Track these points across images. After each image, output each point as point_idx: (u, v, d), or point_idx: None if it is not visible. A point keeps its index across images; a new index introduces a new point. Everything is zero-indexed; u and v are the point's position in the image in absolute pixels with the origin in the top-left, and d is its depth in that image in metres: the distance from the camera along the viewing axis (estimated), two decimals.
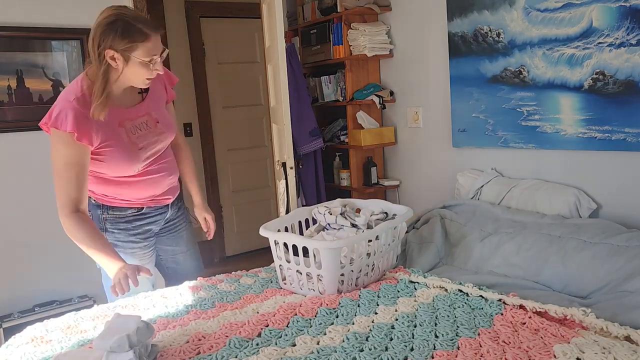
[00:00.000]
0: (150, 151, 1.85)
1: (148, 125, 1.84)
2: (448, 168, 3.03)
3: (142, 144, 1.81)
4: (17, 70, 2.83)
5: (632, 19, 2.13)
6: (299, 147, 3.32)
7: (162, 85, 1.96)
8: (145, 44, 1.63)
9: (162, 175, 1.93)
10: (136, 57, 1.64)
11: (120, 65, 1.66)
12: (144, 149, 1.81)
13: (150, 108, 1.86)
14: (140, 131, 1.81)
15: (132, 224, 1.93)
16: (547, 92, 2.46)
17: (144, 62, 1.66)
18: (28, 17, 2.84)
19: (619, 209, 2.29)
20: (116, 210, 1.90)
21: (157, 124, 1.87)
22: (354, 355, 1.41)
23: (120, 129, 1.76)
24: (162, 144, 1.90)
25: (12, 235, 2.86)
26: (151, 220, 1.98)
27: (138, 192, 1.89)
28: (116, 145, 1.74)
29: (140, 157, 1.80)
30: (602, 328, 1.48)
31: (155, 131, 1.86)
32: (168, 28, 4.21)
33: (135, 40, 1.62)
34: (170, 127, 1.94)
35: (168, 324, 1.70)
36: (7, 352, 1.55)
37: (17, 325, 2.66)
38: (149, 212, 1.97)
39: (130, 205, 1.91)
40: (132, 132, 1.79)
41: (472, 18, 2.73)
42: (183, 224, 2.13)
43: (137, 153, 1.79)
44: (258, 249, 4.53)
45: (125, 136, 1.77)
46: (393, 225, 2.02)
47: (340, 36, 3.34)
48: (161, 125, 1.88)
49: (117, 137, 1.74)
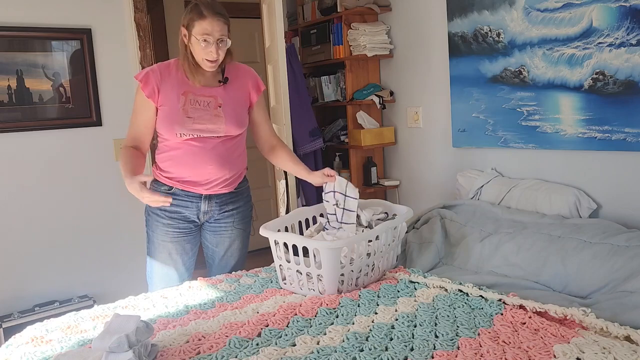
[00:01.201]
0: (198, 125, 1.99)
1: (209, 105, 2.02)
2: (448, 168, 3.03)
3: (193, 115, 1.99)
4: (17, 70, 2.83)
5: (632, 19, 2.13)
6: (299, 147, 3.32)
7: (247, 87, 2.12)
8: (200, 22, 1.89)
9: (199, 156, 2.02)
10: (193, 34, 1.91)
11: (186, 41, 1.96)
12: (192, 119, 1.99)
13: (219, 94, 2.04)
14: (198, 105, 2.01)
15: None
16: (547, 92, 2.46)
17: (197, 40, 1.90)
18: (28, 17, 2.84)
19: (619, 209, 2.29)
20: (156, 184, 2.09)
21: (218, 107, 2.03)
22: (354, 355, 1.41)
23: (181, 97, 2.00)
24: (214, 126, 2.01)
25: (13, 236, 2.86)
26: (180, 203, 2.07)
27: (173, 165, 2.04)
28: (170, 106, 1.99)
29: (184, 123, 1.98)
30: (602, 328, 1.48)
31: (213, 112, 2.02)
32: (168, 28, 4.21)
33: (193, 18, 1.90)
34: (232, 119, 2.04)
35: (168, 324, 1.70)
36: (7, 352, 1.55)
37: (17, 325, 2.66)
38: (179, 194, 2.06)
39: (165, 181, 2.06)
40: (190, 103, 2.00)
41: (472, 18, 2.73)
42: (229, 230, 2.18)
43: (183, 118, 1.98)
44: (258, 249, 4.52)
45: (182, 103, 1.99)
46: (393, 225, 2.02)
47: (340, 36, 3.34)
48: (221, 111, 2.03)
49: (174, 100, 1.99)
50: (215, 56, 1.94)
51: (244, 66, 2.16)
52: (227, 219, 2.16)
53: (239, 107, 2.09)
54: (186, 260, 2.16)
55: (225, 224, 2.16)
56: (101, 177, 3.05)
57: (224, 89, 2.05)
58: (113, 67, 3.06)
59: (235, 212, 2.16)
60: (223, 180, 2.08)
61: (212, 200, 2.10)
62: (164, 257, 2.12)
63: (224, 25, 1.93)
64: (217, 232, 2.17)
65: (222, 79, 2.05)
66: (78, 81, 2.98)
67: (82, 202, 3.03)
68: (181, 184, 2.06)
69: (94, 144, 3.02)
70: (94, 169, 3.03)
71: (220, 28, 1.92)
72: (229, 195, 2.14)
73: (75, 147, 2.99)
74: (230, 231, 2.18)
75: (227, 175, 2.08)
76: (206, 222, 2.16)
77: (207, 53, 1.93)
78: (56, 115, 2.93)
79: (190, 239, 2.15)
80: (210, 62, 1.95)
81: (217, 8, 1.93)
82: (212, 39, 1.91)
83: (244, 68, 2.14)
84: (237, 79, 2.09)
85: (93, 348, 1.40)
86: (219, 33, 1.91)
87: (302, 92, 3.43)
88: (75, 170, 3.00)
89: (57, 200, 2.96)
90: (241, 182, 2.20)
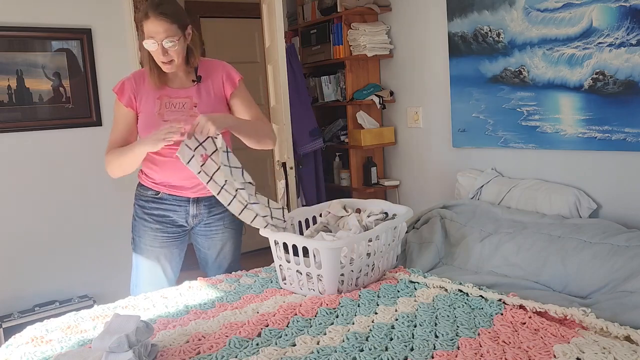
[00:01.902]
0: None
1: (184, 107, 1.99)
2: (448, 168, 3.03)
3: (169, 118, 1.95)
4: (17, 70, 2.83)
5: (632, 19, 2.13)
6: (299, 147, 3.32)
7: (220, 81, 2.06)
8: (145, 23, 1.83)
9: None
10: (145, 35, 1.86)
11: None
12: (168, 123, 1.92)
13: (193, 94, 2.01)
14: (173, 108, 1.98)
15: (148, 204, 2.06)
16: (547, 92, 2.46)
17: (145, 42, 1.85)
18: (28, 17, 2.84)
19: (619, 209, 2.29)
20: (142, 189, 2.09)
21: (193, 107, 2.00)
22: (354, 355, 1.41)
23: (157, 101, 1.98)
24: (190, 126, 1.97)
25: (13, 235, 2.86)
26: (169, 207, 2.05)
27: (158, 171, 2.02)
28: (146, 112, 1.97)
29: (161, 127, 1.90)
30: (602, 328, 1.48)
31: (189, 113, 1.98)
32: None
33: (141, 19, 1.86)
34: None
35: (168, 324, 1.70)
36: (7, 352, 1.55)
37: (17, 325, 2.66)
38: (167, 199, 2.05)
39: (152, 186, 2.05)
40: (165, 106, 1.98)
41: (472, 18, 2.73)
42: (220, 232, 2.15)
43: (159, 123, 1.92)
44: (258, 249, 4.52)
45: (157, 107, 1.97)
46: (393, 225, 2.02)
47: (340, 36, 3.34)
48: (197, 111, 1.99)
49: (150, 106, 1.97)
50: (163, 58, 1.87)
51: (216, 61, 2.10)
52: (217, 221, 2.13)
53: (216, 104, 2.03)
54: (174, 266, 2.14)
55: (216, 227, 2.14)
56: (101, 177, 3.04)
57: (197, 88, 2.01)
58: (113, 67, 3.06)
59: (225, 213, 2.11)
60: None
61: (201, 203, 2.07)
62: (152, 263, 2.08)
63: (169, 25, 1.83)
64: (209, 236, 2.15)
65: (195, 77, 2.01)
66: (78, 81, 2.98)
67: (82, 202, 3.03)
68: (168, 188, 2.03)
69: (94, 144, 3.01)
70: (94, 169, 3.03)
71: (164, 29, 1.82)
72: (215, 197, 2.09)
73: (75, 147, 2.99)
74: (222, 233, 2.15)
75: None
76: (196, 226, 2.13)
77: (157, 55, 1.88)
78: (56, 115, 2.93)
79: (178, 243, 2.12)
80: (164, 63, 1.90)
81: (163, 7, 1.83)
82: (158, 40, 1.83)
83: (215, 63, 2.09)
84: (210, 75, 2.04)
85: (93, 348, 1.40)
86: (163, 34, 1.83)
87: (302, 92, 3.43)
88: (75, 170, 3.00)
89: (57, 200, 2.96)
90: None
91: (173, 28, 1.84)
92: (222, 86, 2.06)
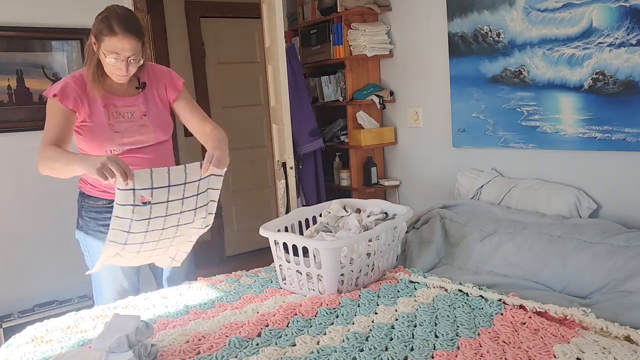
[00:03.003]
0: (127, 138, 1.90)
1: (133, 116, 1.93)
2: (448, 168, 3.02)
3: (120, 129, 1.89)
4: (17, 70, 2.83)
5: (632, 19, 2.13)
6: (299, 147, 3.32)
7: (164, 87, 2.01)
8: (110, 38, 1.75)
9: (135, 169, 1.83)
10: (102, 48, 1.78)
11: (95, 49, 1.82)
12: (120, 134, 1.89)
13: (140, 102, 1.95)
14: (122, 117, 1.91)
15: (102, 215, 1.94)
16: (547, 92, 2.46)
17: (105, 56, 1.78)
18: (28, 17, 2.84)
19: (619, 209, 2.29)
20: (90, 200, 1.97)
21: (143, 117, 1.94)
22: (354, 355, 1.41)
23: (103, 110, 1.88)
24: (143, 136, 1.93)
25: (13, 235, 2.86)
26: None
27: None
28: (94, 122, 1.87)
29: (113, 139, 1.88)
30: (602, 328, 1.48)
31: (138, 122, 1.93)
32: (168, 28, 4.20)
33: (103, 32, 1.76)
34: (158, 125, 1.97)
35: (168, 324, 1.70)
36: (7, 352, 1.55)
37: (17, 325, 2.65)
38: None
39: (102, 195, 1.95)
40: (113, 116, 1.89)
41: (472, 18, 2.73)
42: None
43: (111, 134, 1.87)
44: (258, 249, 4.52)
45: (105, 117, 1.88)
46: (393, 225, 2.03)
47: (340, 36, 3.34)
48: (147, 120, 1.95)
49: (97, 115, 1.87)
50: (124, 73, 1.83)
51: (156, 66, 2.06)
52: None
53: (163, 112, 2.00)
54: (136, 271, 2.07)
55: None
56: None
57: (143, 95, 1.96)
58: None
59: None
60: None
61: None
62: (115, 272, 1.98)
63: (137, 43, 1.79)
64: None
65: (139, 84, 1.95)
66: None
67: None
68: None
69: None
70: None
71: (132, 47, 1.78)
72: None
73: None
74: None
75: None
76: None
77: (116, 69, 1.81)
78: None
79: None
80: (120, 76, 1.85)
81: (130, 24, 1.78)
82: (123, 57, 1.78)
83: (156, 69, 2.04)
84: (154, 81, 1.99)
85: (93, 348, 1.40)
86: (130, 52, 1.78)
87: (302, 92, 3.43)
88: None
89: (57, 199, 2.96)
90: None
91: (139, 46, 1.81)
92: (165, 92, 2.01)
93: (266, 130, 4.49)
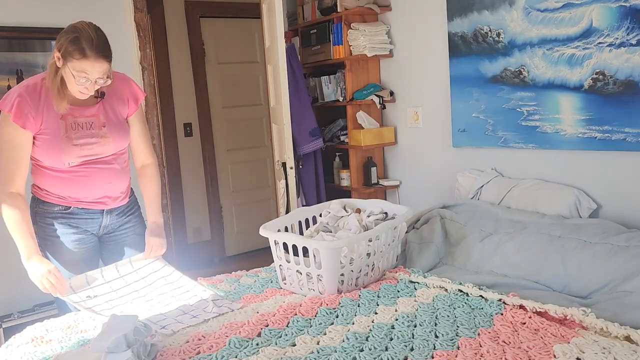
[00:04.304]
0: (87, 150, 1.87)
1: (92, 127, 1.89)
2: (448, 168, 3.02)
3: (79, 141, 1.86)
4: (17, 70, 2.83)
5: (632, 19, 2.13)
6: (299, 147, 3.32)
7: (125, 97, 1.97)
8: (80, 61, 1.71)
9: (95, 179, 1.92)
10: (69, 66, 1.73)
11: (59, 64, 1.76)
12: (79, 146, 1.86)
13: (99, 112, 1.91)
14: (81, 129, 1.86)
15: (58, 221, 1.92)
16: (547, 92, 2.46)
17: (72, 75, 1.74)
18: (28, 17, 2.84)
19: (619, 209, 2.29)
20: (45, 205, 1.93)
21: (102, 128, 1.90)
22: (354, 355, 1.41)
23: (60, 121, 1.83)
24: (102, 148, 1.91)
25: None
26: (81, 221, 1.95)
27: (66, 189, 1.91)
28: (51, 134, 1.82)
29: (72, 151, 1.84)
30: (602, 328, 1.48)
31: (98, 133, 1.90)
32: (168, 28, 4.21)
33: (72, 53, 1.71)
34: (119, 135, 1.94)
35: None
36: (7, 352, 1.56)
37: (17, 325, 2.65)
38: (78, 214, 1.94)
39: (58, 202, 1.91)
40: (71, 127, 1.85)
41: (472, 18, 2.73)
42: (130, 236, 2.08)
43: (69, 147, 1.84)
44: (258, 249, 4.52)
45: (63, 129, 1.83)
46: (393, 225, 2.03)
47: (340, 36, 3.34)
48: (107, 130, 1.91)
49: (54, 127, 1.82)
50: (92, 92, 1.81)
51: (119, 74, 1.99)
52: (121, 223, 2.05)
53: (122, 121, 1.97)
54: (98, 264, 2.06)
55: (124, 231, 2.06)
56: None
57: (102, 105, 1.91)
58: (113, 67, 3.04)
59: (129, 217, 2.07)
60: (121, 193, 2.02)
61: (113, 213, 2.01)
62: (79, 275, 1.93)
63: (108, 65, 1.76)
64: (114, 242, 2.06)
65: (97, 94, 1.89)
66: None
67: None
68: (78, 202, 1.93)
69: None
70: None
71: (102, 70, 1.75)
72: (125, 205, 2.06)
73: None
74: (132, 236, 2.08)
75: (123, 187, 2.02)
76: (104, 235, 2.04)
77: (82, 88, 1.77)
78: None
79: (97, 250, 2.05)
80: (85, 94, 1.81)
81: (101, 46, 1.73)
82: (92, 78, 1.75)
83: (118, 77, 1.96)
84: (114, 90, 1.92)
85: (91, 349, 1.40)
86: (99, 73, 1.75)
87: (302, 92, 3.43)
88: None
89: None
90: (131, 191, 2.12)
91: (108, 67, 1.77)
92: (127, 104, 1.98)
93: (266, 130, 4.49)
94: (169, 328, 1.64)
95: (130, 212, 2.08)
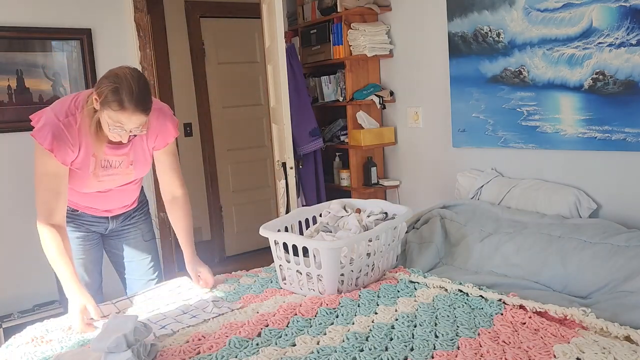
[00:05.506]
0: (108, 184, 1.90)
1: (121, 165, 1.89)
2: (448, 168, 3.02)
3: (104, 178, 1.87)
4: (17, 70, 2.83)
5: (632, 19, 2.13)
6: (299, 147, 3.32)
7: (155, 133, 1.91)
8: (118, 113, 1.63)
9: (110, 197, 1.97)
10: (105, 114, 1.66)
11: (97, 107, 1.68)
12: (103, 182, 1.88)
13: (130, 150, 1.88)
14: (110, 167, 1.86)
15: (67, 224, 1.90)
16: (547, 92, 2.46)
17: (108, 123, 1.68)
18: (28, 17, 2.84)
19: (619, 209, 2.29)
20: None
21: (129, 166, 1.91)
22: (354, 355, 1.41)
23: (92, 158, 1.81)
24: (124, 178, 1.93)
25: (13, 235, 2.86)
26: (86, 223, 2.01)
27: (80, 202, 1.95)
28: (81, 168, 1.80)
29: (94, 186, 1.87)
30: (602, 328, 1.48)
31: (125, 171, 1.91)
32: (168, 28, 4.21)
33: (110, 104, 1.62)
34: (142, 170, 1.97)
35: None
36: (7, 352, 1.56)
37: (17, 325, 2.65)
38: (85, 216, 1.99)
39: (69, 205, 1.90)
40: (101, 165, 1.84)
41: (472, 18, 2.73)
42: (132, 232, 2.12)
43: (94, 182, 1.86)
44: (258, 249, 4.52)
45: (93, 165, 1.82)
46: (393, 225, 2.02)
47: (340, 36, 3.34)
48: (133, 168, 1.92)
49: (85, 163, 1.80)
50: (126, 141, 1.74)
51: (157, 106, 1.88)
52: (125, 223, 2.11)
53: (148, 155, 1.94)
54: (99, 268, 2.10)
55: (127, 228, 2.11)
56: None
57: (132, 143, 1.85)
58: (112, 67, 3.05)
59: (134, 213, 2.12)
60: (131, 204, 2.08)
61: (120, 218, 2.08)
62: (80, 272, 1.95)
63: (145, 117, 1.68)
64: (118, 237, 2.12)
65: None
66: (78, 81, 2.98)
67: None
68: (88, 209, 1.98)
69: None
70: None
71: (139, 122, 1.68)
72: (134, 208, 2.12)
73: None
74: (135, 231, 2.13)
75: (134, 197, 2.08)
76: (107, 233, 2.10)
77: (116, 135, 1.71)
78: None
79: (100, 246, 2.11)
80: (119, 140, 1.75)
81: (141, 100, 1.64)
82: (127, 129, 1.68)
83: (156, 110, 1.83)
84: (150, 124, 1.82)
85: (91, 349, 1.40)
86: (135, 125, 1.68)
87: (302, 92, 3.43)
88: None
89: None
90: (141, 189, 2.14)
91: (145, 119, 1.70)
92: (155, 140, 1.92)
93: (266, 130, 4.50)
94: (169, 328, 1.65)
95: (136, 210, 2.13)
